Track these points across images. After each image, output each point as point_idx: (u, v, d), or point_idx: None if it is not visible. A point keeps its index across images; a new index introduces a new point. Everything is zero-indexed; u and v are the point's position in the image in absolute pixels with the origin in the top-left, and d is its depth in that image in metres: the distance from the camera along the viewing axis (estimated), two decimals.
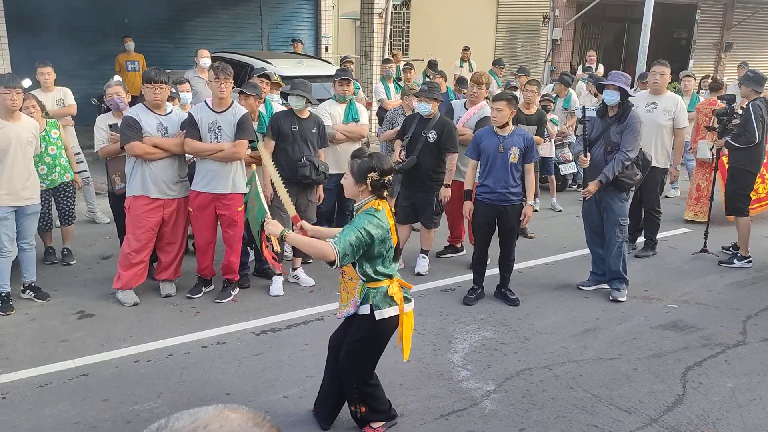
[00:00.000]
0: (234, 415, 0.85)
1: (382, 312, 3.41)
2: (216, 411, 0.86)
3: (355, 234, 3.23)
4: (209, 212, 5.32)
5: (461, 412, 3.95)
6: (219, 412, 0.85)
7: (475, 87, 6.40)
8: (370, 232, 3.26)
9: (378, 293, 3.40)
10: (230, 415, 0.85)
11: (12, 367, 4.30)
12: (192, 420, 0.83)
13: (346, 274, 3.45)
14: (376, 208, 3.36)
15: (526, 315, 5.34)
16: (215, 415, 0.84)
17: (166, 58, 12.17)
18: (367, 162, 3.35)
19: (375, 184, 3.35)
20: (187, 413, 0.86)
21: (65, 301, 5.34)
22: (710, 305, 5.60)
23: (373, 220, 3.30)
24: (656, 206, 6.78)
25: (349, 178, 3.40)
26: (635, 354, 4.68)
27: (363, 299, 3.42)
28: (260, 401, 3.99)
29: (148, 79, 5.04)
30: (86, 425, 3.70)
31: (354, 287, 3.43)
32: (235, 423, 0.83)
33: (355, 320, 3.50)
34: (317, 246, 3.31)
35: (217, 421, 0.83)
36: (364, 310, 3.43)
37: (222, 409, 0.87)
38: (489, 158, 5.32)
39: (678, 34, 17.97)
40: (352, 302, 3.45)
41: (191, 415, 0.85)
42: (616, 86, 5.34)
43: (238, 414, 0.86)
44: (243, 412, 0.87)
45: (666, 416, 3.91)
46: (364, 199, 3.40)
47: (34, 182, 5.16)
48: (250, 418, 0.86)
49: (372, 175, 3.33)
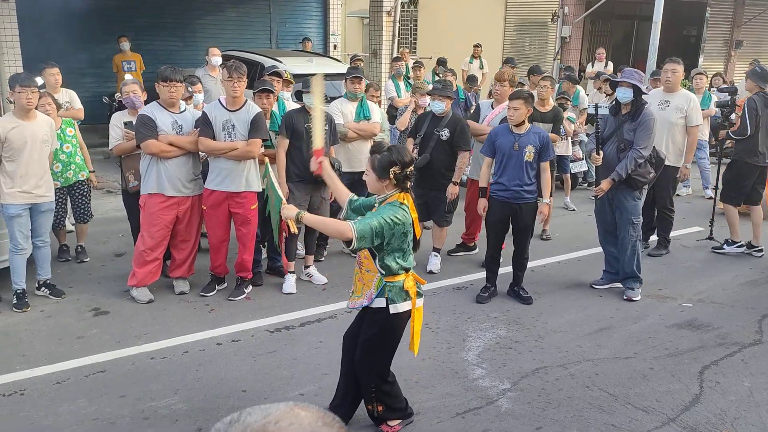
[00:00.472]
0: (304, 413, 0.86)
1: (397, 306, 3.41)
2: (287, 408, 0.86)
3: (378, 221, 3.23)
4: (222, 210, 5.33)
5: (477, 410, 3.94)
6: (290, 410, 0.85)
7: (498, 85, 6.37)
8: (393, 221, 3.26)
9: (394, 287, 3.40)
10: (300, 413, 0.85)
11: (29, 364, 4.32)
12: (263, 416, 0.84)
13: (364, 265, 3.45)
14: (401, 201, 3.37)
15: (540, 313, 5.33)
16: (286, 412, 0.85)
17: (175, 57, 12.20)
18: (388, 156, 3.35)
19: (398, 177, 3.35)
20: (258, 409, 0.86)
21: (80, 298, 5.36)
22: (725, 304, 5.57)
23: (398, 212, 3.31)
24: (669, 204, 6.75)
25: (371, 174, 3.39)
26: (651, 353, 4.67)
27: (379, 292, 3.41)
28: (276, 398, 4.00)
29: (164, 77, 5.05)
30: (104, 421, 3.72)
31: (371, 280, 3.43)
32: (305, 421, 0.83)
33: (368, 315, 3.50)
34: (335, 224, 3.34)
35: (288, 418, 0.83)
36: (379, 303, 3.42)
37: (293, 407, 0.87)
38: (504, 156, 5.30)
39: (688, 32, 17.87)
40: (367, 294, 3.44)
41: (262, 411, 0.85)
42: (630, 83, 5.31)
43: (309, 412, 0.86)
44: (313, 410, 0.87)
45: (684, 415, 3.89)
46: (388, 193, 3.40)
47: (48, 180, 5.18)
48: (320, 417, 0.86)
49: (394, 169, 3.33)
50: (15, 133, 4.91)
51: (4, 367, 4.27)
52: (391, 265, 3.37)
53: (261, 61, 9.29)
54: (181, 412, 3.83)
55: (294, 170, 5.61)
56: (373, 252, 3.36)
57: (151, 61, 12.20)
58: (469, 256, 6.65)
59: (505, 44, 16.91)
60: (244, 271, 5.52)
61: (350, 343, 3.67)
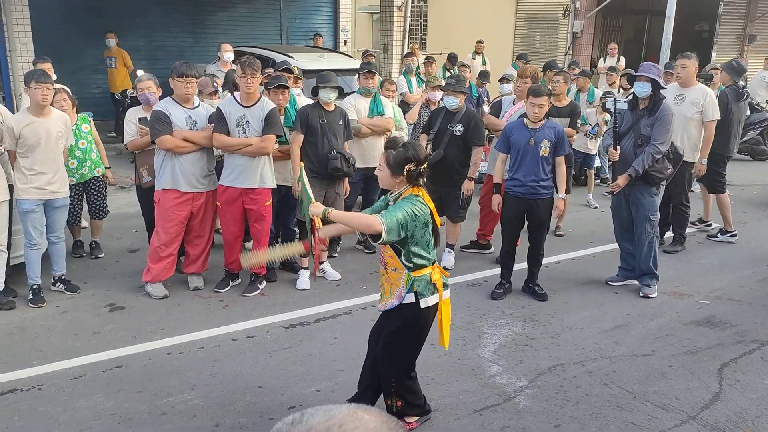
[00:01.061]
0: (368, 416, 0.84)
1: (427, 300, 3.39)
2: (350, 411, 0.84)
3: (402, 213, 3.23)
4: (237, 207, 5.32)
5: (495, 407, 3.92)
6: (353, 413, 0.84)
7: (520, 81, 6.31)
8: (414, 213, 3.25)
9: (422, 281, 3.38)
10: (365, 417, 0.83)
11: (46, 360, 4.34)
12: (327, 417, 0.82)
13: (390, 265, 3.42)
14: (416, 194, 3.36)
15: (555, 310, 5.30)
16: (350, 414, 0.83)
17: (186, 53, 12.23)
18: (403, 153, 3.32)
19: (412, 175, 3.34)
20: (321, 410, 0.84)
21: (95, 293, 5.38)
22: (743, 301, 5.52)
23: (417, 204, 3.30)
24: (684, 200, 6.69)
25: (385, 169, 3.37)
26: (669, 350, 4.63)
27: (408, 288, 3.39)
28: (292, 394, 4.00)
29: (180, 73, 5.04)
30: (122, 417, 3.72)
31: (398, 278, 3.41)
32: (370, 425, 0.81)
33: (395, 311, 3.47)
34: (363, 218, 3.33)
35: (353, 421, 0.81)
36: (409, 298, 3.40)
37: (356, 410, 0.85)
38: (519, 151, 5.26)
39: (700, 27, 17.70)
40: (397, 294, 3.42)
41: (326, 413, 0.83)
42: (648, 77, 5.25)
43: (373, 416, 0.84)
44: (376, 414, 0.85)
45: (704, 413, 3.86)
46: (401, 189, 3.39)
47: (62, 176, 5.19)
48: (384, 422, 0.84)
49: (409, 166, 3.32)
50: (29, 129, 4.92)
51: (21, 362, 4.29)
52: (416, 259, 3.35)
53: (272, 56, 9.27)
54: (199, 408, 3.83)
55: (309, 166, 5.59)
56: (397, 248, 3.34)
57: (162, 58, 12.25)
58: (482, 252, 6.61)
59: (515, 40, 16.82)
60: (258, 267, 5.51)
61: (376, 338, 3.65)
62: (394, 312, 3.47)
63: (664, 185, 5.62)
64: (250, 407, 3.85)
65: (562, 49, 15.65)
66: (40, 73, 5.03)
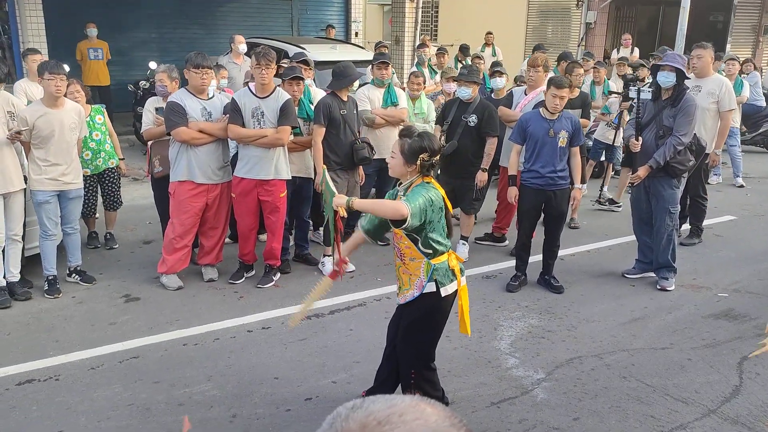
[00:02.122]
0: (431, 410, 0.82)
1: (447, 288, 3.37)
2: (413, 402, 0.82)
3: (421, 198, 3.21)
4: (252, 198, 5.30)
5: (512, 400, 3.89)
6: (416, 404, 0.82)
7: (531, 71, 6.24)
8: (431, 198, 3.24)
9: (441, 268, 3.36)
10: (427, 409, 0.81)
11: (63, 350, 4.35)
12: (388, 405, 0.80)
13: (407, 255, 3.39)
14: (427, 182, 3.35)
15: (572, 303, 5.26)
16: (412, 405, 0.81)
17: (197, 45, 12.20)
18: (419, 142, 3.29)
19: (425, 165, 3.31)
20: (383, 398, 0.82)
21: (111, 284, 5.39)
22: (762, 294, 5.46)
23: (430, 190, 3.29)
24: (702, 192, 6.62)
25: (398, 158, 3.33)
26: (688, 343, 4.58)
27: (429, 277, 3.36)
28: (309, 386, 3.99)
29: (196, 64, 5.03)
30: (140, 407, 3.73)
31: (418, 267, 3.37)
32: (431, 419, 0.79)
33: (415, 301, 3.44)
34: (389, 204, 3.27)
35: (414, 412, 0.79)
36: (430, 288, 3.37)
37: (419, 402, 0.83)
38: (537, 143, 5.21)
39: (714, 18, 17.49)
40: (417, 284, 3.38)
41: (387, 401, 0.81)
42: (673, 67, 5.16)
43: (435, 410, 0.82)
44: (439, 408, 0.83)
45: (724, 407, 3.82)
46: (412, 178, 3.36)
47: (76, 167, 5.19)
48: (447, 417, 0.82)
49: (423, 156, 3.28)
50: (43, 120, 4.92)
51: (38, 352, 4.30)
52: (435, 245, 3.32)
53: (285, 48, 9.24)
54: (216, 399, 3.82)
55: (333, 158, 5.59)
56: (413, 237, 3.31)
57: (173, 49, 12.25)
58: (497, 245, 6.57)
59: (527, 30, 16.70)
60: (273, 258, 5.50)
61: (395, 330, 3.63)
62: (415, 302, 3.44)
63: (686, 177, 5.54)
64: (267, 398, 3.85)
65: (574, 40, 15.53)
66: (53, 64, 5.01)
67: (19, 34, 9.76)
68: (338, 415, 0.81)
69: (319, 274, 5.71)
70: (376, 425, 0.78)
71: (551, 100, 5.15)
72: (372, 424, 0.78)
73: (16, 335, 4.54)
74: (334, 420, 0.82)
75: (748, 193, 8.82)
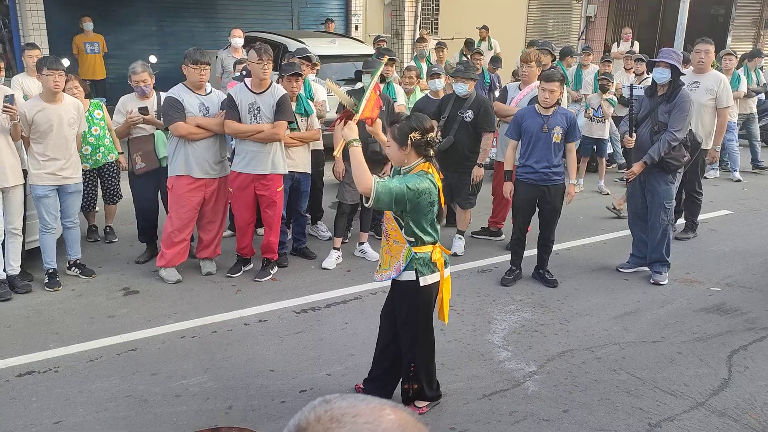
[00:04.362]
0: (393, 416, 0.83)
1: (426, 279, 3.43)
2: (378, 406, 0.82)
3: (400, 186, 3.23)
4: (249, 192, 5.36)
5: (504, 392, 3.96)
6: (379, 408, 0.82)
7: (524, 66, 6.27)
8: (418, 190, 3.25)
9: (422, 259, 3.42)
10: (388, 416, 0.81)
11: (62, 342, 4.42)
12: (351, 405, 0.83)
13: (391, 237, 3.47)
14: (426, 171, 3.36)
15: (565, 296, 5.31)
16: (374, 409, 0.82)
17: (198, 38, 12.23)
18: (407, 123, 3.35)
19: (418, 144, 3.32)
20: (354, 397, 0.84)
21: (110, 277, 5.46)
22: (754, 288, 5.51)
23: (424, 181, 3.30)
24: (697, 187, 6.66)
25: (393, 144, 3.39)
26: (678, 337, 4.64)
27: (407, 265, 3.42)
28: (304, 378, 4.05)
29: (194, 60, 5.07)
30: (137, 398, 3.80)
31: (399, 251, 3.44)
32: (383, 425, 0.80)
33: (398, 289, 3.52)
34: (366, 174, 3.25)
35: (370, 415, 0.80)
36: (408, 276, 3.43)
37: (385, 406, 0.84)
38: (531, 138, 5.25)
39: (715, 11, 17.42)
40: (395, 266, 3.46)
41: (354, 401, 0.83)
42: (668, 63, 5.20)
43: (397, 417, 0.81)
44: (402, 415, 0.82)
45: (712, 399, 3.88)
46: (412, 163, 3.39)
47: (75, 162, 5.24)
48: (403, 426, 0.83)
49: (413, 135, 3.31)
50: (41, 116, 4.96)
51: (38, 344, 4.37)
52: (419, 235, 3.37)
53: (284, 42, 9.27)
54: (212, 391, 3.89)
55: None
56: (399, 221, 3.39)
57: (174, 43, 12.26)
58: (493, 239, 6.62)
59: (528, 24, 16.67)
60: (270, 252, 5.56)
61: (386, 320, 3.71)
62: (397, 293, 3.52)
63: (681, 173, 5.58)
64: (262, 390, 3.91)
65: (575, 33, 15.50)
66: (51, 59, 5.05)
67: (19, 28, 9.79)
68: (309, 406, 0.85)
69: (317, 268, 5.78)
70: (328, 420, 0.81)
71: (541, 94, 5.19)
72: (325, 419, 0.81)
73: (16, 327, 4.61)
74: (304, 409, 0.86)
75: (745, 187, 8.85)
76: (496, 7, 15.86)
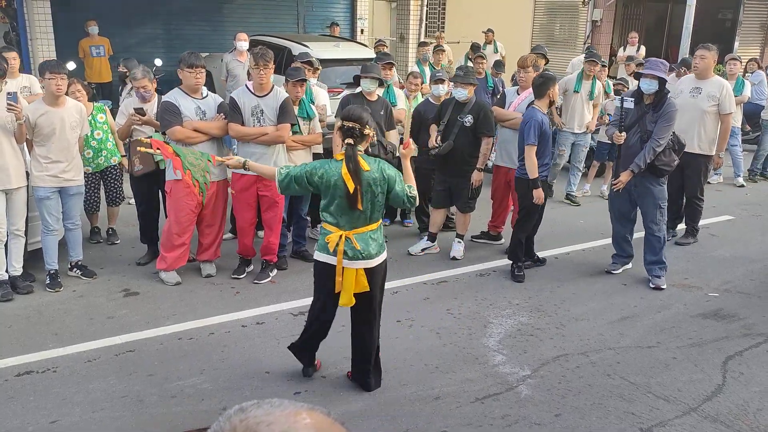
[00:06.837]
0: (309, 421, 0.83)
1: (319, 255, 3.78)
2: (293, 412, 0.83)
3: (300, 170, 3.68)
4: (251, 194, 5.41)
5: (497, 396, 3.97)
6: (294, 414, 0.83)
7: (522, 71, 6.31)
8: (312, 172, 3.63)
9: (323, 237, 3.76)
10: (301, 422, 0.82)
11: (61, 342, 4.47)
12: (266, 413, 0.82)
13: None
14: (334, 158, 3.73)
15: (562, 301, 5.32)
16: (289, 415, 0.80)
17: (204, 42, 12.31)
18: (340, 114, 3.83)
19: (344, 131, 3.63)
20: (268, 403, 0.85)
21: (111, 279, 5.51)
22: (752, 294, 5.50)
23: (325, 164, 3.67)
24: (699, 194, 6.65)
25: (335, 135, 3.92)
26: (674, 342, 4.64)
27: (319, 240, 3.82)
28: (299, 380, 4.08)
29: (190, 64, 5.12)
30: (133, 399, 3.84)
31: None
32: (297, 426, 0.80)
33: None
34: (268, 169, 3.99)
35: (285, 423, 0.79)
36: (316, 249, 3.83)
37: (301, 411, 0.84)
38: (547, 140, 5.56)
39: (723, 15, 17.37)
40: None
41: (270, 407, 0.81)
42: (654, 75, 5.28)
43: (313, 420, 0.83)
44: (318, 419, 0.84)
45: (705, 405, 3.88)
46: (339, 150, 3.77)
47: (77, 164, 5.29)
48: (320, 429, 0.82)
49: (338, 123, 3.71)
50: (44, 119, 5.03)
51: (37, 344, 4.43)
52: (324, 215, 3.74)
53: (288, 46, 9.32)
54: (207, 392, 3.93)
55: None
56: None
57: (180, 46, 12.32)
58: (493, 243, 6.64)
59: (534, 28, 16.68)
60: (270, 254, 5.60)
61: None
62: None
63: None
64: (257, 392, 3.95)
65: (581, 38, 15.50)
66: (54, 63, 5.13)
67: (27, 31, 9.90)
68: (225, 415, 0.84)
69: None
70: (244, 430, 0.81)
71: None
72: (240, 429, 0.81)
73: (17, 327, 4.67)
74: (220, 419, 0.84)
75: (748, 192, 8.83)
76: (502, 11, 15.88)
